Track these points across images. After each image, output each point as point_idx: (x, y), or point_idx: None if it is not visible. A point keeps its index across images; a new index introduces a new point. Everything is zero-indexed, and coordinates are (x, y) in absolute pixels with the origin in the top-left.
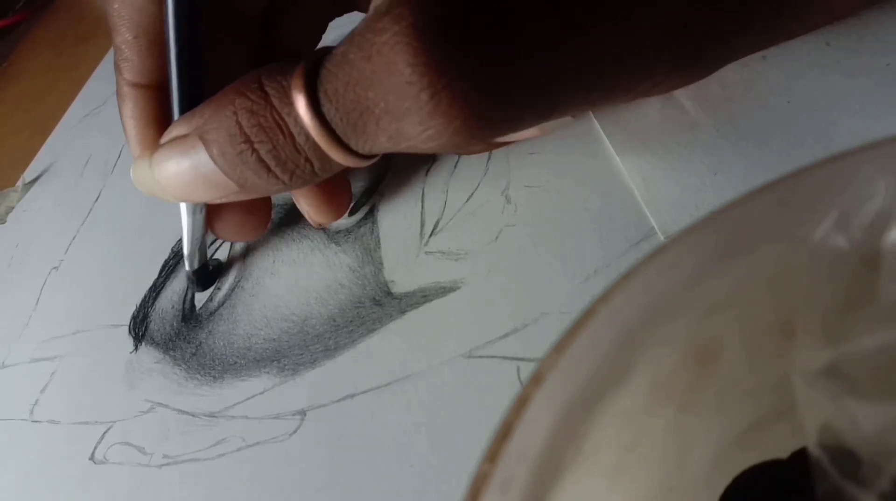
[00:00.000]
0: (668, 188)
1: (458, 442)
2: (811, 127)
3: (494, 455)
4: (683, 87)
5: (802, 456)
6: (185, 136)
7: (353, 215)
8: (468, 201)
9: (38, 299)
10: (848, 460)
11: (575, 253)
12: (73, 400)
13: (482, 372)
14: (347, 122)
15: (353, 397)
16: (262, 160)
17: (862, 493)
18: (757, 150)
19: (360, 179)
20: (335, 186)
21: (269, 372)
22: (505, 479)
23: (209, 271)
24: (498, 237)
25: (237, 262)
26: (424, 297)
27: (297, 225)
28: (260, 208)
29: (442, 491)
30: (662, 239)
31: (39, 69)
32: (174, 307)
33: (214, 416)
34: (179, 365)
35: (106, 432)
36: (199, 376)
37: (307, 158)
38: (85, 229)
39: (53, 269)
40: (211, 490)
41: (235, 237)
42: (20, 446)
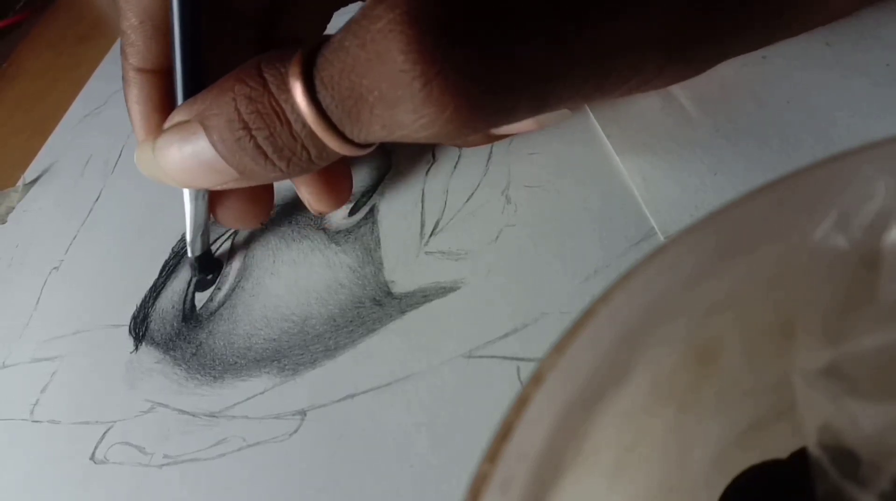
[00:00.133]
0: (668, 188)
1: (458, 442)
2: (811, 127)
3: (494, 455)
4: (678, 82)
5: (802, 456)
6: (186, 122)
7: (353, 215)
8: (468, 201)
9: (38, 299)
10: (848, 460)
11: (575, 253)
12: (73, 400)
13: (482, 372)
14: (343, 109)
15: (353, 397)
16: (259, 147)
17: (862, 493)
18: (757, 150)
19: (360, 179)
20: (336, 175)
21: (269, 372)
22: (505, 479)
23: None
24: (498, 237)
25: (238, 262)
26: (424, 297)
27: (297, 225)
28: (262, 196)
29: (442, 491)
30: (662, 239)
31: (40, 69)
32: (174, 307)
33: (215, 416)
34: (180, 365)
35: (106, 432)
36: (199, 376)
37: (304, 146)
38: (85, 229)
39: (54, 269)
40: (211, 490)
41: (237, 225)
42: (21, 446)
